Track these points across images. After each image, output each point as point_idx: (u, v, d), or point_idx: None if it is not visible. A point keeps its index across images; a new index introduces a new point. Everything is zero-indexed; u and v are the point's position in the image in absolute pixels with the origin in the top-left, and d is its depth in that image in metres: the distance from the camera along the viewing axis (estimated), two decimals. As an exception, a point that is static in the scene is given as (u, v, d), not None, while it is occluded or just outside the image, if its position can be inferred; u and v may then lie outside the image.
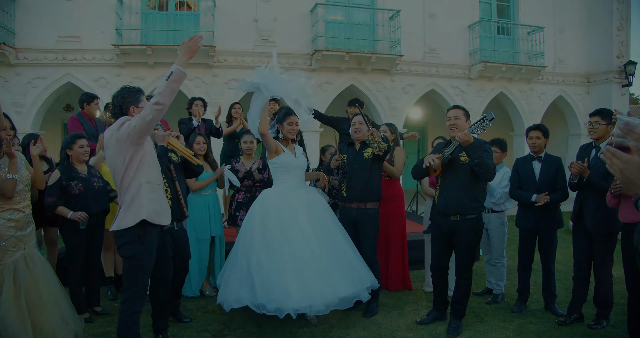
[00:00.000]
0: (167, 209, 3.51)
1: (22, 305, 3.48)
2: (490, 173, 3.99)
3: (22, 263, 3.61)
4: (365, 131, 4.68)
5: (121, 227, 3.24)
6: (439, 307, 4.58)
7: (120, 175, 3.28)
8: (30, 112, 11.35)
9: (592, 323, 4.40)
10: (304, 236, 4.19)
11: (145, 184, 3.29)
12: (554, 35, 14.77)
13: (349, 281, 4.14)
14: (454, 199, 4.18)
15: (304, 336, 4.22)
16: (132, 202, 3.25)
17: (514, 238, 8.63)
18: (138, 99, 3.42)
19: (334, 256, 4.23)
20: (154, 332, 4.08)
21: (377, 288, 4.50)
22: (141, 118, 3.10)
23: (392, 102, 13.46)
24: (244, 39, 12.25)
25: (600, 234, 4.27)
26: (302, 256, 4.06)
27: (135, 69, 11.74)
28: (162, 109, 3.07)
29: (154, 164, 3.46)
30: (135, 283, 3.33)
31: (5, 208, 3.58)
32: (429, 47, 13.62)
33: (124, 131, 3.18)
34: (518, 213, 4.99)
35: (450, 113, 4.33)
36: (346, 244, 4.45)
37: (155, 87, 11.41)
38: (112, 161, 3.30)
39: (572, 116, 15.51)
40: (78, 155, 4.46)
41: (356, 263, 4.38)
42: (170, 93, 3.08)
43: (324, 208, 4.64)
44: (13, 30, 11.03)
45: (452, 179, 4.23)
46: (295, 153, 4.71)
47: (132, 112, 3.36)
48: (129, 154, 3.24)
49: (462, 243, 4.25)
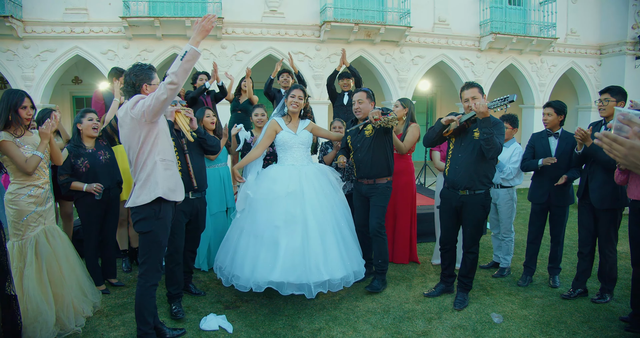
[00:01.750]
0: (180, 186, 3.59)
1: (44, 278, 3.63)
2: (493, 151, 4.00)
3: (43, 238, 3.74)
4: (366, 110, 4.64)
5: (137, 204, 3.32)
6: (446, 279, 4.68)
7: (135, 153, 3.34)
8: (40, 85, 11.37)
9: (596, 297, 4.50)
10: (290, 218, 4.23)
11: (160, 162, 3.36)
12: (567, 5, 14.45)
13: (336, 264, 4.17)
14: (464, 173, 4.23)
15: (314, 307, 4.35)
16: (147, 179, 3.32)
17: (521, 211, 8.76)
18: (150, 76, 3.42)
19: (321, 240, 4.21)
20: (169, 302, 4.24)
21: (361, 275, 4.44)
22: (155, 98, 3.12)
23: (401, 73, 13.35)
24: (252, 10, 12.10)
25: (605, 209, 4.32)
26: (277, 239, 4.16)
27: (143, 41, 11.68)
28: (176, 88, 3.09)
29: (168, 141, 3.51)
30: (152, 258, 3.43)
31: (25, 184, 3.68)
32: (439, 18, 13.40)
33: (138, 110, 3.21)
34: (531, 187, 5.03)
35: (468, 94, 4.23)
36: (337, 226, 4.41)
37: (164, 59, 11.40)
38: (127, 139, 3.35)
39: (583, 88, 15.31)
40: (87, 128, 4.48)
41: (343, 246, 4.36)
42: (184, 72, 3.09)
43: (323, 187, 4.55)
44: (20, 2, 10.94)
45: (464, 154, 4.26)
46: (297, 128, 4.69)
47: (145, 89, 3.38)
48: (144, 132, 3.28)
49: (469, 217, 4.31)
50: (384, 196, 4.71)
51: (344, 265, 4.22)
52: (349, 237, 4.48)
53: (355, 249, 4.49)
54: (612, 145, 1.67)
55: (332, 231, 4.32)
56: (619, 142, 1.65)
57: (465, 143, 4.27)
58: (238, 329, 3.92)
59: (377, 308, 4.37)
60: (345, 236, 4.44)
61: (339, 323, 4.05)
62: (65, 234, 4.09)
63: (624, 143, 1.64)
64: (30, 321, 3.44)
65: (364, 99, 4.65)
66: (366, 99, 4.66)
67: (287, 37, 12.36)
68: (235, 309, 4.34)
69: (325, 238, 4.24)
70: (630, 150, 1.64)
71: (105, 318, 4.11)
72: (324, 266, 4.10)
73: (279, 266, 4.03)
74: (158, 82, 3.43)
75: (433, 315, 4.22)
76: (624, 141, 1.64)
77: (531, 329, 3.93)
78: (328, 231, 4.29)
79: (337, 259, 4.20)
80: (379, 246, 4.68)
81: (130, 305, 4.39)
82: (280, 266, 4.03)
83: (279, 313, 4.24)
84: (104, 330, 3.86)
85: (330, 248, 4.22)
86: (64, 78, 13.23)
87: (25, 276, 3.53)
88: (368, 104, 4.62)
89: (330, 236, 4.27)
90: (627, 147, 1.64)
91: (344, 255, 4.28)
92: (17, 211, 3.63)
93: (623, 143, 1.64)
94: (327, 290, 4.12)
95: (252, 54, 12.22)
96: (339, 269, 4.16)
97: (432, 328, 3.95)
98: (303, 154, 4.69)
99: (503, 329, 3.93)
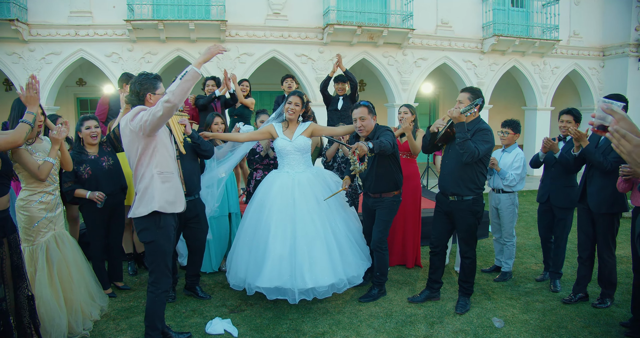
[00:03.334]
0: (181, 197, 3.60)
1: (55, 283, 3.71)
2: (467, 155, 4.03)
3: (54, 243, 3.82)
4: (370, 127, 4.50)
5: (136, 215, 3.40)
6: (432, 286, 4.69)
7: (134, 164, 3.41)
8: (45, 88, 11.45)
9: (597, 302, 4.53)
10: (279, 227, 4.30)
11: (158, 175, 3.40)
12: (569, 7, 14.49)
13: (323, 272, 4.18)
14: (450, 180, 4.29)
15: (318, 311, 4.41)
16: (145, 192, 3.38)
17: (523, 215, 8.79)
18: (155, 86, 3.45)
19: (308, 248, 4.23)
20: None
21: (359, 280, 4.44)
22: (152, 114, 3.16)
23: (404, 76, 13.40)
24: (255, 12, 12.17)
25: (602, 214, 4.34)
26: (266, 245, 4.26)
27: (147, 43, 11.77)
28: (173, 107, 3.12)
29: (167, 153, 3.51)
30: (158, 266, 3.49)
31: (36, 191, 3.75)
32: (441, 21, 13.46)
33: (136, 123, 3.24)
34: (539, 189, 5.18)
35: (458, 98, 4.37)
36: (331, 232, 4.39)
37: (167, 61, 11.45)
38: (127, 149, 3.41)
39: (586, 90, 15.35)
40: (86, 137, 4.52)
41: (338, 252, 4.34)
42: (182, 92, 3.12)
43: (317, 194, 4.51)
44: (26, 6, 11.04)
45: (450, 160, 4.32)
46: (293, 134, 4.67)
47: (149, 99, 3.42)
48: (142, 144, 3.33)
49: (460, 223, 4.36)
50: (388, 210, 4.64)
51: (334, 272, 4.21)
52: (345, 243, 4.46)
53: (353, 254, 4.47)
54: (621, 141, 1.74)
55: (323, 238, 4.30)
56: (628, 138, 1.73)
57: (452, 150, 4.32)
58: (243, 333, 3.98)
59: (380, 312, 4.43)
60: (341, 242, 4.42)
61: (343, 327, 4.11)
62: (74, 239, 4.16)
63: (632, 140, 1.72)
64: (44, 324, 3.52)
65: (365, 116, 4.47)
66: (368, 115, 4.48)
67: (290, 40, 12.42)
68: (240, 313, 4.40)
69: (313, 247, 4.23)
70: (635, 148, 1.71)
71: (112, 321, 4.17)
72: (309, 274, 4.12)
73: (266, 273, 4.13)
74: (163, 91, 3.46)
75: (435, 319, 4.27)
76: (632, 138, 1.72)
77: (532, 334, 3.98)
78: (317, 239, 4.27)
79: (325, 267, 4.19)
80: (379, 260, 4.68)
81: (137, 309, 4.46)
82: (268, 272, 4.12)
83: (283, 317, 4.30)
84: (111, 334, 3.93)
85: (318, 257, 4.21)
86: (69, 80, 13.32)
87: (37, 281, 3.60)
88: (370, 120, 4.49)
89: (320, 244, 4.26)
90: (634, 144, 1.72)
91: (336, 262, 4.26)
92: (29, 218, 3.71)
93: (631, 140, 1.72)
94: (313, 297, 4.17)
95: (256, 57, 12.28)
96: (326, 277, 4.15)
97: (434, 333, 4.00)
98: (299, 160, 4.68)
99: (504, 334, 3.98)
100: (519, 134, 5.33)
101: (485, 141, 4.11)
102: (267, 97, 12.45)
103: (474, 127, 4.17)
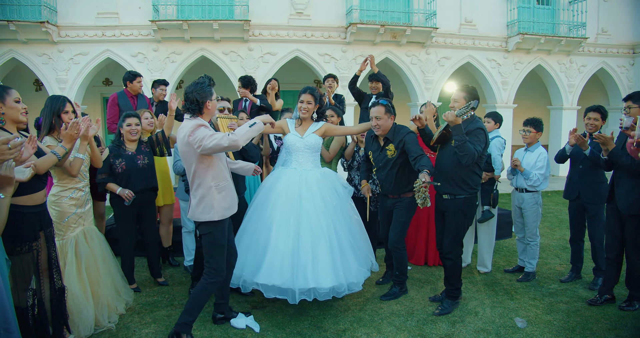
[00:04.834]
0: (234, 201, 3.78)
1: (84, 277, 3.83)
2: (467, 158, 4.00)
3: (82, 238, 3.94)
4: (385, 126, 4.48)
5: (195, 218, 3.65)
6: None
7: (190, 172, 3.60)
8: (73, 87, 11.76)
9: (624, 304, 4.43)
10: (283, 222, 4.24)
11: (215, 187, 3.59)
12: (597, 4, 14.19)
13: (326, 273, 4.07)
14: (443, 179, 4.28)
15: (339, 308, 4.44)
16: (202, 199, 3.57)
17: (548, 215, 8.67)
18: (212, 92, 3.62)
19: (312, 247, 4.14)
20: None
21: (358, 287, 4.26)
22: (217, 143, 3.34)
23: (427, 75, 13.32)
24: (278, 12, 12.27)
25: (631, 215, 4.25)
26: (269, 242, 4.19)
27: (172, 43, 11.96)
28: (236, 145, 3.40)
29: (222, 163, 3.68)
30: (214, 257, 3.67)
31: (67, 187, 3.88)
32: (465, 19, 13.33)
33: (197, 141, 3.38)
34: (565, 185, 5.15)
35: (454, 95, 4.39)
36: (334, 234, 4.29)
37: (192, 61, 11.55)
38: (184, 156, 3.60)
39: (614, 89, 15.01)
40: (127, 133, 4.66)
41: (339, 256, 4.22)
42: (247, 137, 3.48)
43: (324, 193, 4.43)
44: (55, 8, 11.34)
45: (445, 159, 4.33)
46: (305, 132, 4.62)
47: (208, 105, 3.56)
48: (198, 158, 3.52)
49: (449, 221, 4.35)
50: (407, 210, 4.60)
51: (336, 274, 4.10)
52: (347, 247, 4.32)
53: (354, 259, 4.34)
54: None
55: (328, 239, 4.22)
56: None
57: (446, 150, 4.34)
58: (265, 329, 4.03)
59: (401, 310, 4.43)
60: (343, 246, 4.31)
61: (364, 324, 4.12)
62: (102, 234, 4.27)
63: None
64: (72, 316, 3.64)
65: (382, 115, 4.44)
66: (384, 114, 4.44)
67: (313, 39, 12.48)
68: (262, 309, 4.46)
69: (318, 246, 4.15)
70: None
71: (137, 315, 4.26)
72: (311, 273, 4.04)
73: (264, 269, 4.06)
74: (216, 96, 3.71)
75: (457, 318, 4.25)
76: None
77: (555, 335, 3.93)
78: (322, 239, 4.19)
79: (328, 268, 4.09)
80: (398, 260, 4.67)
81: (161, 303, 4.55)
82: (266, 268, 4.06)
83: (304, 313, 4.33)
84: (136, 327, 4.02)
85: (321, 257, 4.13)
86: (95, 80, 13.62)
87: (66, 274, 3.71)
88: (387, 120, 4.46)
89: (324, 245, 4.17)
90: None
91: (337, 265, 4.16)
92: (59, 213, 3.82)
93: None
94: (313, 298, 4.05)
95: (279, 56, 12.37)
96: (328, 278, 4.04)
97: (455, 332, 3.99)
98: (308, 158, 4.61)
99: (527, 334, 3.94)
100: (542, 133, 5.26)
101: (480, 142, 4.12)
102: (290, 97, 12.50)
103: (467, 127, 4.17)
